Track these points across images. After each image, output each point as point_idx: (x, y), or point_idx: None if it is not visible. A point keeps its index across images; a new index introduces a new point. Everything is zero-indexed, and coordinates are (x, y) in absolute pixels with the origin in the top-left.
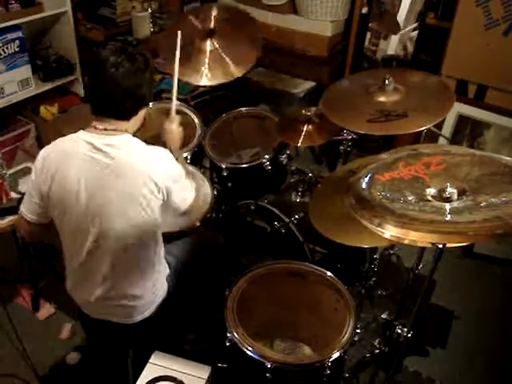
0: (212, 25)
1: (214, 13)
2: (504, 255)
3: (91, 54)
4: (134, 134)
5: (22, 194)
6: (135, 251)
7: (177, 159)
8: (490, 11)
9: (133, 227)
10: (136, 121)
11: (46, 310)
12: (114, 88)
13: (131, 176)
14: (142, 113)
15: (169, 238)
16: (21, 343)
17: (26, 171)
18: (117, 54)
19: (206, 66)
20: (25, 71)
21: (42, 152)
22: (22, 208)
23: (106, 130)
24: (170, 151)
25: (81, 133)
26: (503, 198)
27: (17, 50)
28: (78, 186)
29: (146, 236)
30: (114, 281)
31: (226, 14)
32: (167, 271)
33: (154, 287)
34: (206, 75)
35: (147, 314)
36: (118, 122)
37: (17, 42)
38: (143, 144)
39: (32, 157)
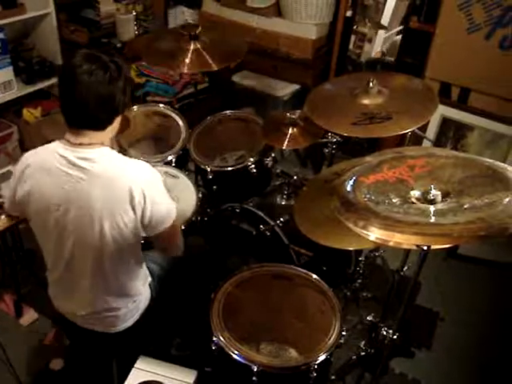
0: (197, 31)
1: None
2: (488, 256)
3: (63, 62)
4: (118, 138)
5: None
6: (113, 265)
7: None
8: (472, 15)
9: (109, 243)
10: (112, 129)
11: (30, 315)
12: (87, 97)
13: (107, 191)
14: (117, 121)
15: (151, 245)
16: (3, 350)
17: (9, 175)
18: (89, 62)
19: (188, 59)
20: (7, 73)
21: (25, 158)
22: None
23: (81, 144)
24: None
25: (56, 144)
26: (486, 200)
27: None
28: (53, 200)
29: (122, 251)
30: (93, 294)
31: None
32: (149, 279)
33: (135, 297)
34: (187, 65)
35: (131, 322)
36: (92, 132)
37: None
38: (120, 156)
39: (15, 160)
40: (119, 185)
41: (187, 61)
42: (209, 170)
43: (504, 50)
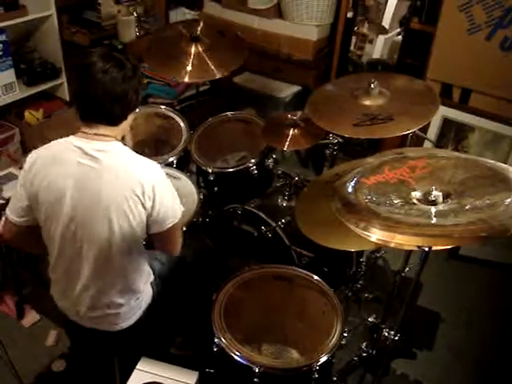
0: (198, 32)
1: (201, 24)
2: (489, 257)
3: (79, 58)
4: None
5: (6, 200)
6: (118, 259)
7: None
8: (473, 16)
9: (117, 235)
10: (124, 126)
11: (31, 317)
12: (102, 93)
13: (118, 182)
14: (130, 118)
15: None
16: (5, 351)
17: (10, 177)
18: (105, 59)
19: (190, 65)
20: (9, 75)
21: (32, 155)
22: (8, 211)
23: (96, 134)
24: None
25: (71, 137)
26: (487, 201)
27: (0, 53)
28: (65, 191)
29: (129, 244)
30: (96, 290)
31: (212, 27)
32: (151, 277)
33: (138, 294)
34: (189, 73)
35: (132, 320)
36: (107, 127)
37: (0, 45)
38: (134, 153)
39: (16, 162)
40: (130, 178)
41: (189, 68)
42: (210, 171)
43: (505, 50)
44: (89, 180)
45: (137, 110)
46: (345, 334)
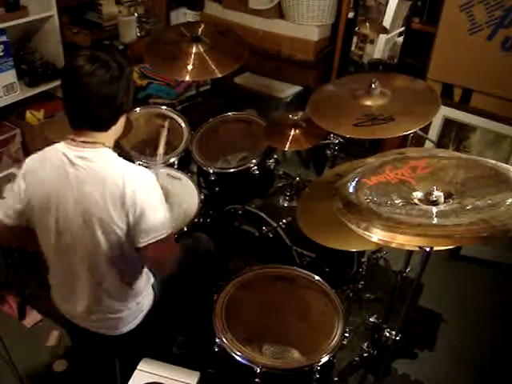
0: (199, 32)
1: (202, 25)
2: (490, 257)
3: (65, 63)
4: (120, 141)
5: None
6: (109, 269)
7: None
8: (474, 16)
9: (103, 246)
10: (116, 129)
11: (33, 317)
12: (90, 98)
13: (100, 190)
14: (121, 121)
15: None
16: (7, 351)
17: (12, 177)
18: (91, 61)
19: (191, 65)
20: (10, 76)
21: (27, 161)
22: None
23: (83, 142)
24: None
25: (60, 144)
26: (489, 201)
27: (1, 54)
28: (50, 201)
29: (119, 254)
30: (95, 295)
31: (213, 28)
32: (152, 280)
33: (137, 298)
34: (190, 72)
35: (133, 324)
36: (96, 133)
37: (1, 46)
38: (120, 159)
39: (18, 162)
40: (112, 186)
41: (190, 68)
42: (211, 171)
43: (506, 50)
44: (73, 190)
45: (137, 110)
46: (346, 335)
